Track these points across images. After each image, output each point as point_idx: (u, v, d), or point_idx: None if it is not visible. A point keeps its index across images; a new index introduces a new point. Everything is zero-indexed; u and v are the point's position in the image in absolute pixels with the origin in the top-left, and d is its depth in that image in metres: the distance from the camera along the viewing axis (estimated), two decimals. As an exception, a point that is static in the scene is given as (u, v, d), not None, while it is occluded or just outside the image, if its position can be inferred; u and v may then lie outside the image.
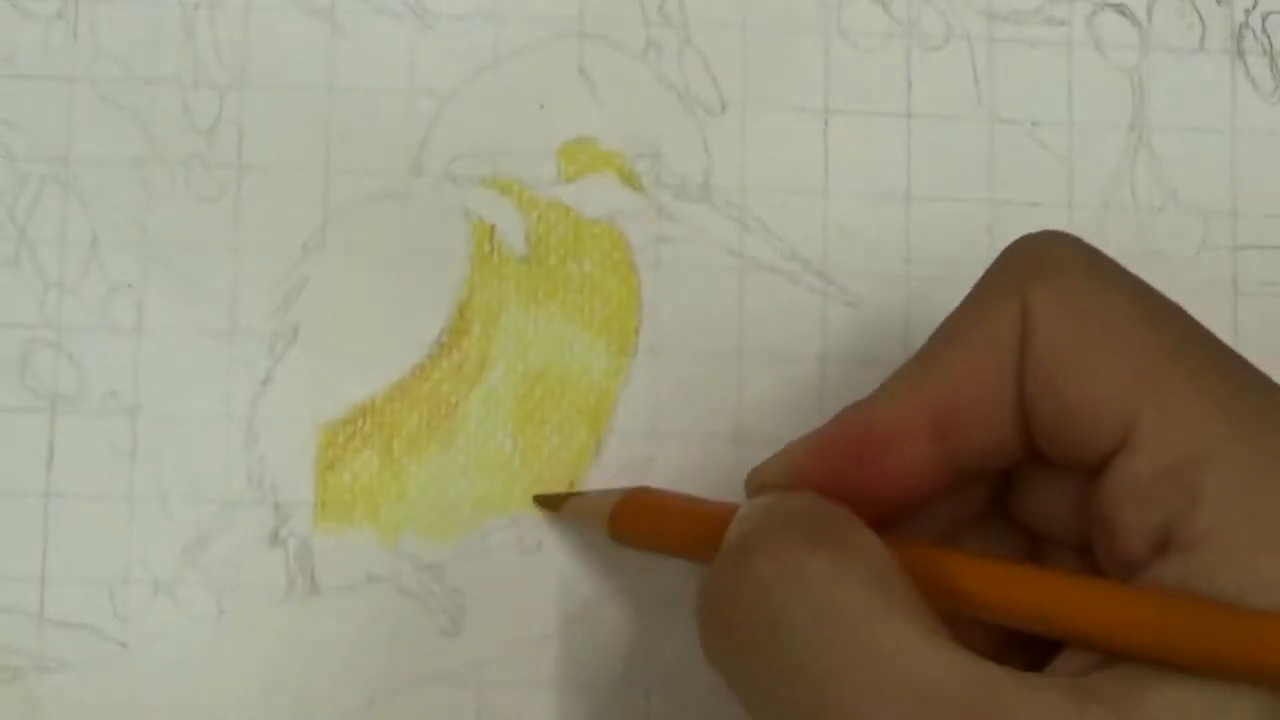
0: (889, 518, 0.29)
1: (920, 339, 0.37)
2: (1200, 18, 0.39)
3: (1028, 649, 0.27)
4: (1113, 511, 0.27)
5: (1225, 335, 0.37)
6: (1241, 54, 0.39)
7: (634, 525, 0.34)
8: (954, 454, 0.29)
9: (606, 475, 0.37)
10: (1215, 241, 0.39)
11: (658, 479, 0.36)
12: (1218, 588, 0.25)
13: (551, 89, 0.38)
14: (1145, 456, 0.27)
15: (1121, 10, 0.39)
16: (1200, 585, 0.25)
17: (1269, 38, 0.39)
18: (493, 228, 0.37)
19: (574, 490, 0.36)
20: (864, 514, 0.28)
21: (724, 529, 0.29)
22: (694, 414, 0.37)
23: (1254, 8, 0.40)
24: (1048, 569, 0.28)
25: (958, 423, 0.29)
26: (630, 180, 0.38)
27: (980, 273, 0.29)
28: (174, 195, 0.37)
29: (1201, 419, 0.26)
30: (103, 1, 0.37)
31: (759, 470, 0.31)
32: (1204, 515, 0.26)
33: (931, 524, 0.30)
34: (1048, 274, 0.28)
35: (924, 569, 0.27)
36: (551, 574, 0.36)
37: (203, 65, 0.37)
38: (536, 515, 0.36)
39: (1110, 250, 0.31)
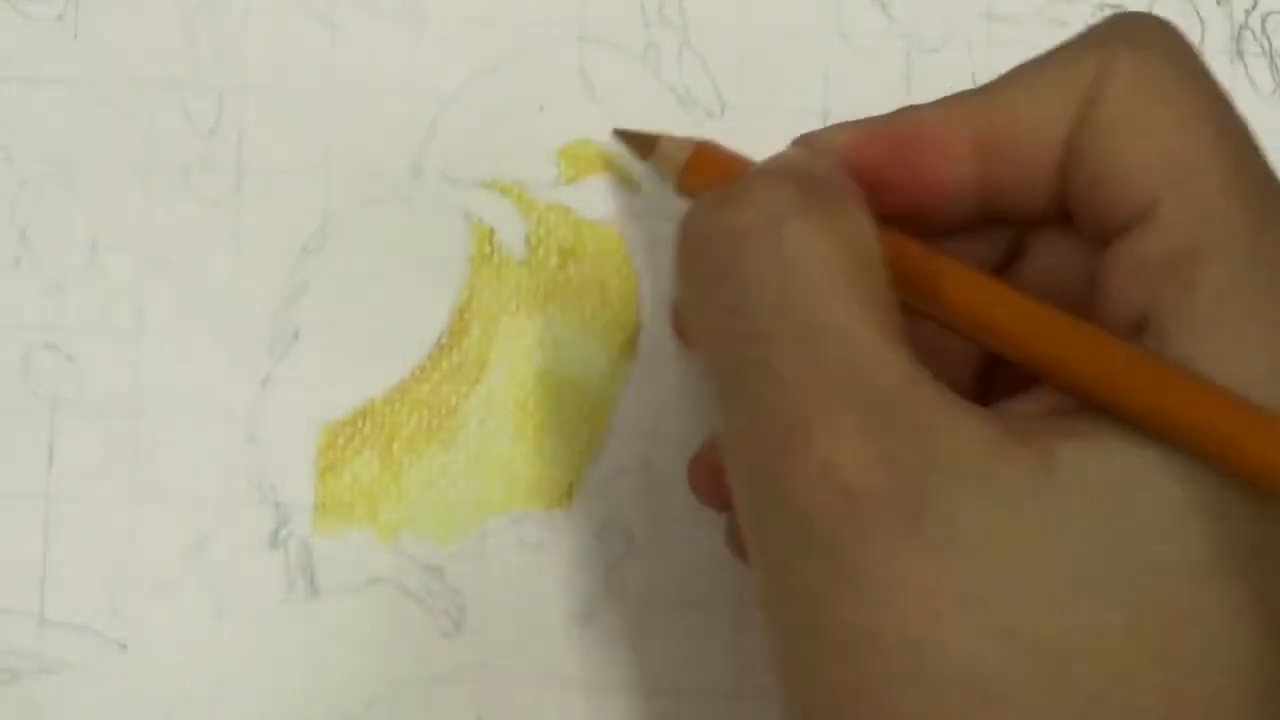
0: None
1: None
2: (1200, 18, 0.39)
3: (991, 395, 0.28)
4: (1111, 283, 0.27)
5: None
6: (1241, 55, 0.39)
7: (707, 176, 0.34)
8: (991, 179, 0.29)
9: (606, 476, 0.37)
10: (1215, 242, 0.39)
11: (658, 479, 0.37)
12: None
13: (551, 91, 0.38)
14: (1155, 234, 0.27)
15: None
16: None
17: (1268, 38, 0.40)
18: (493, 230, 0.37)
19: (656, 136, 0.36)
20: (886, 214, 0.28)
21: None
22: (694, 415, 0.37)
23: (1253, 8, 0.40)
24: (1035, 298, 0.28)
25: (1004, 149, 0.29)
26: (630, 182, 0.38)
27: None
28: (174, 198, 0.37)
29: (1218, 214, 0.27)
30: (103, 4, 0.37)
31: (809, 137, 0.31)
32: (1192, 307, 0.26)
33: None
34: (1133, 46, 0.28)
35: (909, 265, 0.28)
36: (552, 574, 0.36)
37: (203, 68, 0.37)
38: (537, 515, 0.36)
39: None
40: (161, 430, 0.36)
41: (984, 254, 0.31)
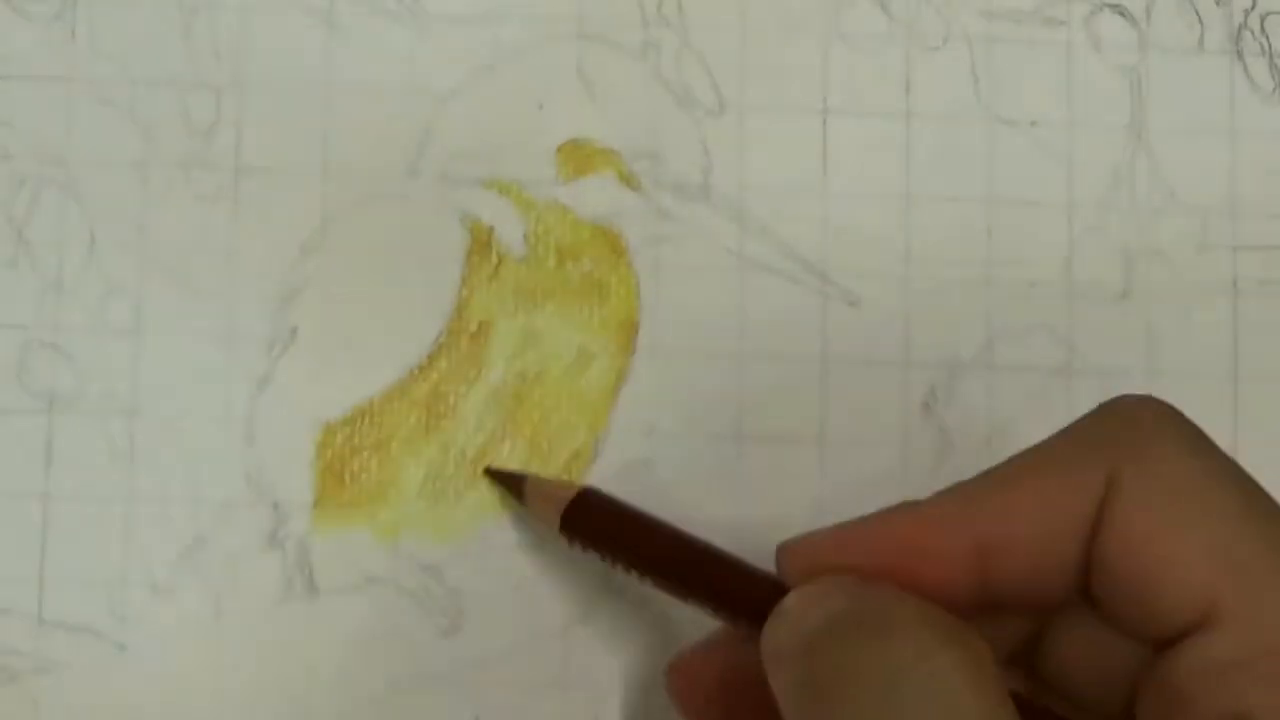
0: None
1: (919, 338, 0.37)
2: (1199, 18, 0.39)
3: None
4: (1188, 689, 0.27)
5: (1224, 336, 0.38)
6: (1240, 54, 0.39)
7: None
8: (992, 583, 0.29)
9: (606, 475, 0.37)
10: (1214, 241, 0.39)
11: (657, 479, 0.36)
12: None
13: (550, 90, 0.38)
14: (1228, 637, 0.27)
15: (1120, 10, 0.39)
16: None
17: (1268, 38, 0.39)
18: (491, 228, 0.37)
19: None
20: None
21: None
22: (693, 414, 0.37)
23: (1253, 8, 0.40)
24: None
25: (1007, 555, 0.28)
26: (629, 181, 0.38)
27: (980, 272, 0.29)
28: (172, 196, 0.37)
29: None
30: (101, 3, 0.37)
31: (799, 546, 0.30)
32: None
33: None
34: (1141, 445, 0.28)
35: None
36: (551, 574, 0.36)
37: (201, 66, 0.37)
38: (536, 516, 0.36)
39: (1109, 250, 0.32)
40: (160, 430, 0.36)
41: (1001, 636, 0.30)
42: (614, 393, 0.37)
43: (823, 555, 0.30)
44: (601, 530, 0.33)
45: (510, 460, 0.37)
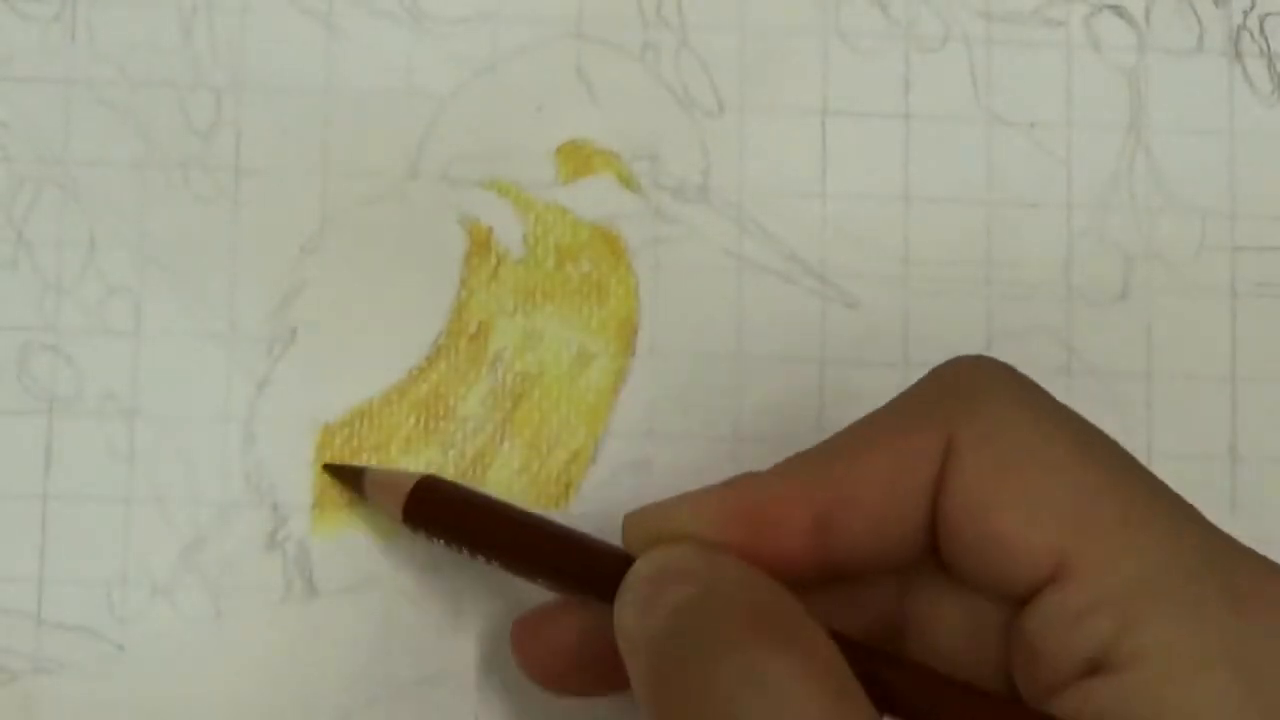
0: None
1: (918, 339, 0.37)
2: (1198, 19, 0.39)
3: None
4: (1041, 641, 0.27)
5: (1223, 337, 0.38)
6: (1239, 55, 0.39)
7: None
8: (834, 550, 0.29)
9: (605, 476, 0.37)
10: (1213, 243, 0.39)
11: (656, 479, 0.36)
12: (1146, 709, 0.26)
13: (549, 91, 0.38)
14: (1077, 588, 0.27)
15: (1119, 11, 0.39)
16: (1129, 707, 0.26)
17: (1267, 39, 0.39)
18: (490, 230, 0.37)
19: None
20: None
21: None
22: (692, 415, 0.37)
23: (1252, 9, 0.40)
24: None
25: (848, 523, 0.29)
26: (628, 182, 0.38)
27: (979, 273, 0.30)
28: (171, 197, 0.37)
29: (1134, 551, 0.27)
30: (100, 4, 0.37)
31: (644, 517, 0.30)
32: (1136, 639, 0.26)
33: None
34: (976, 407, 0.28)
35: (865, 669, 0.27)
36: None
37: (200, 68, 0.37)
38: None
39: (1108, 251, 0.31)
40: (159, 431, 0.36)
41: (868, 600, 0.31)
42: (613, 394, 0.37)
43: (665, 524, 0.30)
44: (444, 517, 0.34)
45: (509, 461, 0.37)
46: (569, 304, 0.37)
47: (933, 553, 0.29)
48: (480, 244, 0.37)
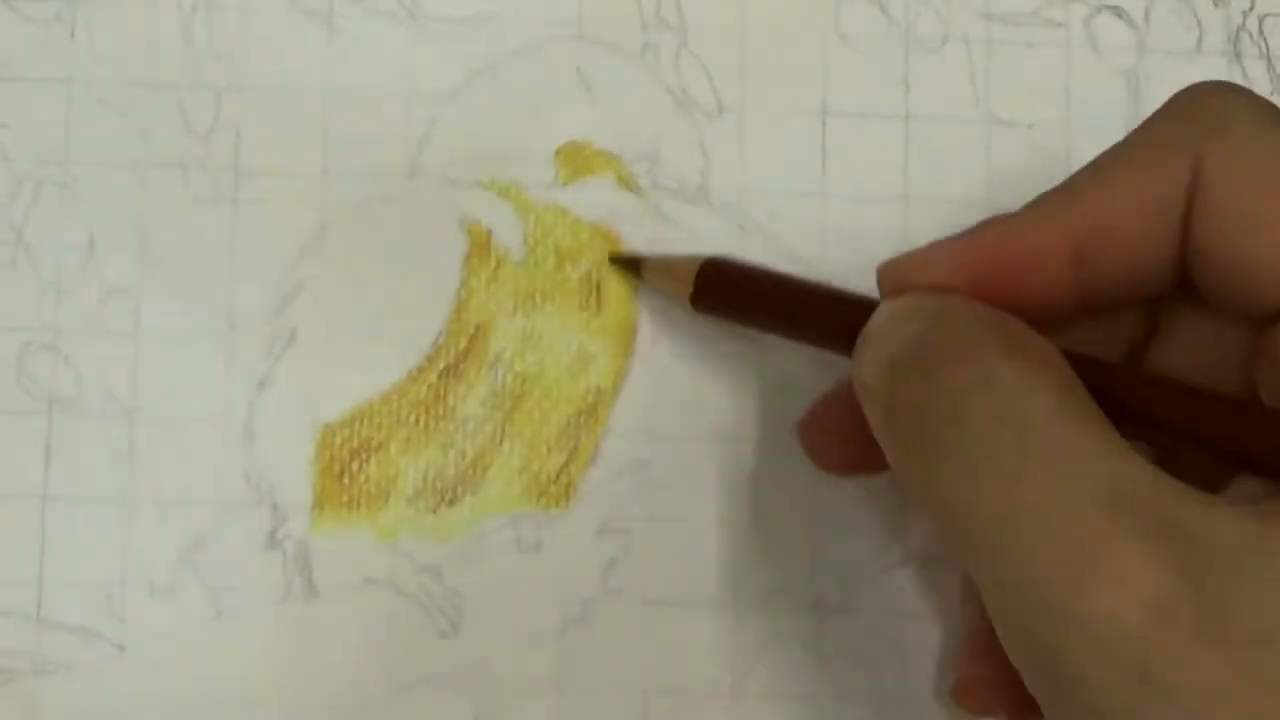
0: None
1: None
2: (1197, 20, 0.39)
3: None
4: None
5: (1223, 337, 0.38)
6: (1239, 56, 0.39)
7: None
8: (1093, 283, 0.29)
9: (604, 476, 0.37)
10: (1213, 243, 0.39)
11: (656, 480, 0.37)
12: None
13: (549, 92, 0.38)
14: None
15: (1119, 12, 0.39)
16: None
17: (1266, 40, 0.40)
18: (490, 230, 0.37)
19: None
20: None
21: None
22: (692, 415, 0.37)
23: (1251, 10, 0.40)
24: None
25: (1103, 254, 0.29)
26: (628, 183, 0.38)
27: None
28: (171, 198, 0.37)
29: None
30: (100, 4, 0.37)
31: (896, 265, 0.31)
32: None
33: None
34: (1221, 127, 0.28)
35: (1097, 383, 0.27)
36: (550, 574, 0.36)
37: (200, 68, 0.37)
38: (535, 516, 0.36)
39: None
40: (159, 431, 0.36)
41: (1115, 336, 0.31)
42: (613, 394, 0.37)
43: (917, 272, 0.30)
44: (729, 299, 0.34)
45: (509, 461, 0.37)
46: (569, 305, 0.37)
47: (1182, 279, 0.29)
48: (480, 245, 0.37)
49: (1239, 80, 0.39)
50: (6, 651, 0.35)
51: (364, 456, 0.36)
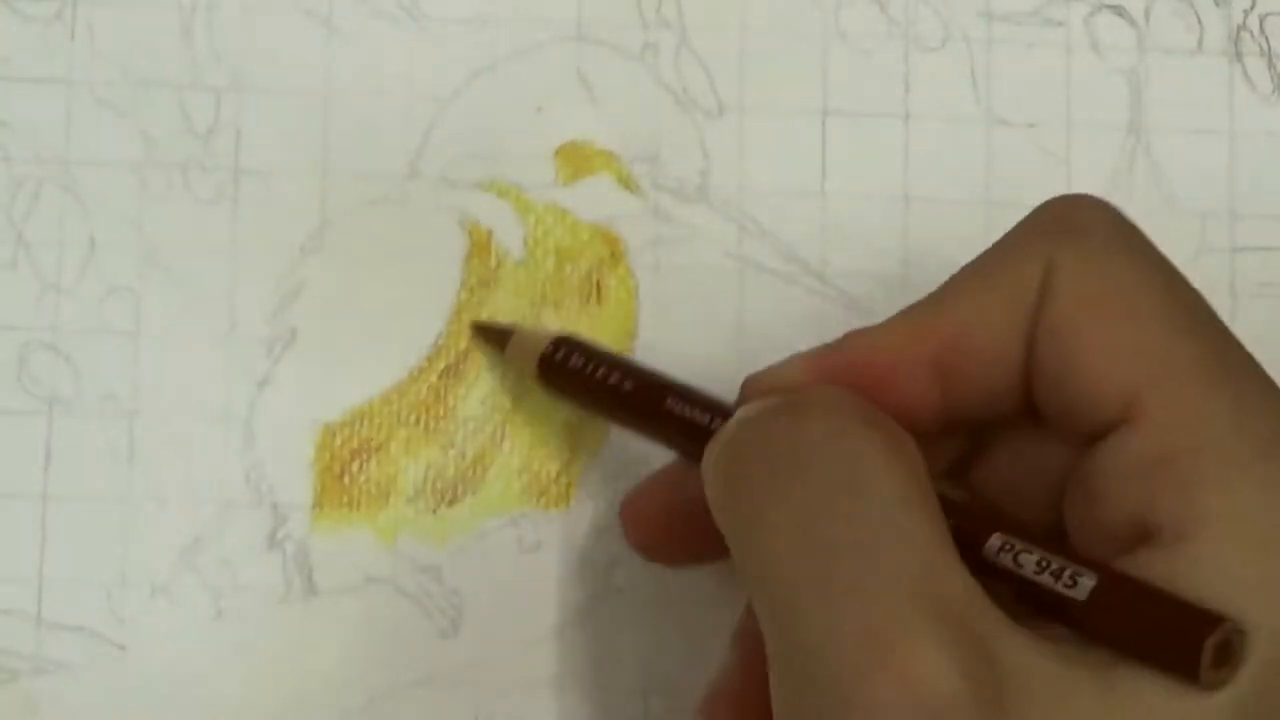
0: None
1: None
2: (1198, 19, 0.39)
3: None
4: (1101, 484, 0.27)
5: (1223, 337, 0.38)
6: (1239, 55, 0.39)
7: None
8: (952, 397, 0.29)
9: (604, 476, 0.37)
10: (1213, 243, 0.39)
11: (656, 480, 0.36)
12: (1200, 583, 0.25)
13: (549, 92, 0.38)
14: (1145, 435, 0.27)
15: (1119, 11, 0.39)
16: (1182, 580, 0.25)
17: (1267, 39, 0.40)
18: (490, 231, 0.37)
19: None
20: None
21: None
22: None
23: (1252, 9, 0.40)
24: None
25: (961, 365, 0.29)
26: (627, 183, 0.38)
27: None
28: (171, 198, 0.37)
29: (1206, 409, 0.26)
30: (100, 4, 0.37)
31: (759, 377, 0.31)
32: (1199, 503, 0.26)
33: None
34: (1076, 238, 0.28)
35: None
36: (550, 574, 0.36)
37: (200, 68, 0.37)
38: (535, 516, 0.36)
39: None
40: (159, 431, 0.36)
41: (944, 452, 0.31)
42: (613, 393, 0.37)
43: (782, 382, 0.30)
44: (573, 375, 0.34)
45: (509, 461, 0.37)
46: (569, 305, 0.37)
47: (1027, 397, 0.29)
48: (480, 245, 0.37)
49: (1240, 79, 0.39)
50: (7, 651, 0.35)
51: (364, 456, 0.36)
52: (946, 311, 0.29)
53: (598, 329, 0.37)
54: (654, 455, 0.37)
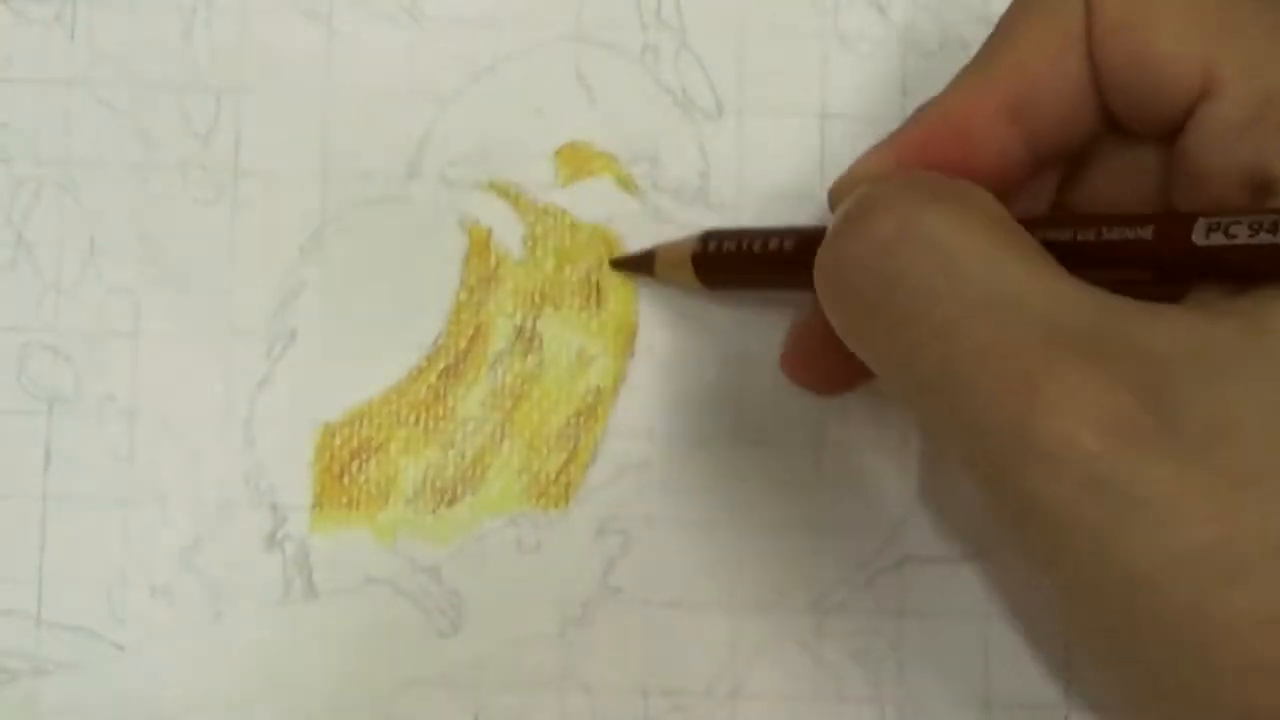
0: None
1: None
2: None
3: None
4: (1204, 160, 0.27)
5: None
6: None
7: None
8: (1031, 135, 0.29)
9: (604, 477, 0.37)
10: (1210, 245, 0.39)
11: (655, 480, 0.37)
12: None
13: (548, 93, 0.38)
14: (1232, 98, 0.27)
15: (1116, 14, 0.39)
16: None
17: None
18: (490, 231, 0.37)
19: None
20: None
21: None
22: (691, 417, 0.37)
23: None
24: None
25: (1031, 103, 0.29)
26: (627, 184, 0.38)
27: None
28: (171, 199, 0.37)
29: (1276, 50, 0.27)
30: (100, 5, 0.37)
31: (842, 180, 0.31)
32: None
33: None
34: None
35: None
36: (550, 574, 0.36)
37: (200, 69, 0.37)
38: (534, 516, 0.36)
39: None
40: (159, 430, 0.36)
41: (1036, 203, 0.31)
42: (613, 394, 0.37)
43: (864, 174, 0.30)
44: (731, 259, 0.35)
45: (509, 461, 0.37)
46: (568, 305, 0.37)
47: (1105, 109, 0.29)
48: (479, 245, 0.37)
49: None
50: (7, 651, 0.35)
51: (364, 456, 0.36)
52: (1002, 55, 0.29)
53: (598, 329, 0.37)
54: (654, 456, 0.37)
